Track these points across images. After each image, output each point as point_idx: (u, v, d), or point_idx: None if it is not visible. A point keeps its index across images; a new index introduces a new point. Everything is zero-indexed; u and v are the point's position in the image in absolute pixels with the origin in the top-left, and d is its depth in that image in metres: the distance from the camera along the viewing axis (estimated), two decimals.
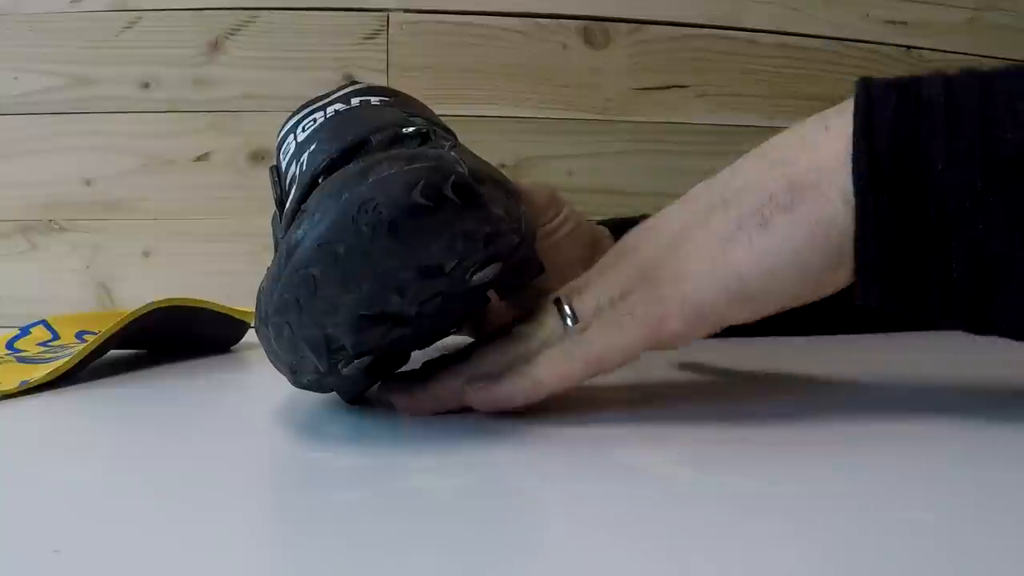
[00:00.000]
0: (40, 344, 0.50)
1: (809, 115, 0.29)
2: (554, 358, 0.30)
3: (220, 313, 0.51)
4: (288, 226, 0.29)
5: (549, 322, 0.32)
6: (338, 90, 0.36)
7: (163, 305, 0.45)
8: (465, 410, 0.32)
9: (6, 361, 0.46)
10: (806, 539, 0.20)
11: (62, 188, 0.72)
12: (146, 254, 0.73)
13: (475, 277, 0.29)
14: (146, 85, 0.73)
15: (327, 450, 0.29)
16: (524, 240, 0.31)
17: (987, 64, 0.28)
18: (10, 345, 0.49)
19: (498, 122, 0.77)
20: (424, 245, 0.27)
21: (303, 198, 0.30)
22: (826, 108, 0.29)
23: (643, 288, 0.30)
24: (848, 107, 0.28)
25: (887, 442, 0.28)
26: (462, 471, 0.26)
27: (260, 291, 0.29)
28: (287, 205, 0.32)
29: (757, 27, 0.79)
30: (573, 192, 0.73)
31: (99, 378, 0.42)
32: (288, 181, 0.33)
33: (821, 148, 0.27)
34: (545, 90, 0.78)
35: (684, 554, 0.19)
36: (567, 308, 0.31)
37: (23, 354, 0.48)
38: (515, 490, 0.25)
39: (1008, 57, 0.83)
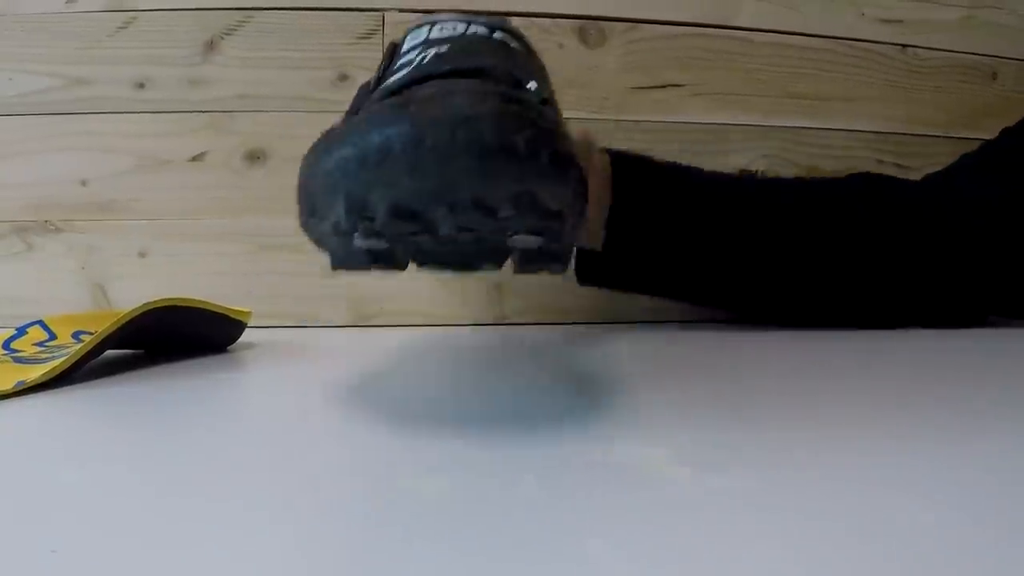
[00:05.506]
0: (36, 344, 0.50)
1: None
2: None
3: (217, 313, 0.51)
4: (379, 98, 0.31)
5: None
6: (483, 13, 0.37)
7: (160, 305, 0.45)
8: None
9: (2, 361, 0.45)
10: (805, 539, 0.20)
11: (57, 189, 0.72)
12: (142, 254, 0.73)
13: (514, 238, 0.30)
14: (141, 85, 0.73)
15: (325, 450, 0.29)
16: (566, 237, 0.32)
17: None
18: (6, 345, 0.49)
19: None
20: (497, 185, 0.28)
21: (410, 84, 0.32)
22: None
23: None
24: None
25: (887, 442, 0.28)
26: (462, 471, 0.26)
27: (344, 119, 0.30)
28: (386, 81, 0.33)
29: (752, 26, 0.79)
30: None
31: (96, 378, 0.42)
32: (401, 63, 0.34)
33: None
34: None
35: (683, 554, 0.19)
36: None
37: (19, 354, 0.47)
38: (514, 490, 0.25)
39: (1003, 55, 0.84)
